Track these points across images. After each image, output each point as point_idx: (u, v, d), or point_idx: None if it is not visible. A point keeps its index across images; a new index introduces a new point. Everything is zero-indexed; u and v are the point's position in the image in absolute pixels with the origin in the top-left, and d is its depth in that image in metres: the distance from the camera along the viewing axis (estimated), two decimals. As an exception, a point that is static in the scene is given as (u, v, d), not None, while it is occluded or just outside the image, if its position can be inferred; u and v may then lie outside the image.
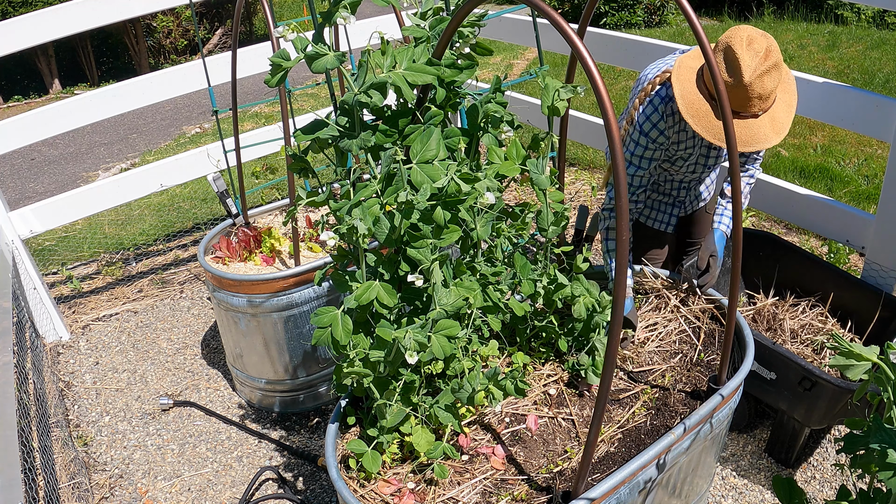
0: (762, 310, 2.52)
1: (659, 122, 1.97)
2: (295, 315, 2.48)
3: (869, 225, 2.44)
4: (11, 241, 3.12)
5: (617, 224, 1.11)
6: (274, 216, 2.90)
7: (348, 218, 1.38)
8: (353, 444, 1.48)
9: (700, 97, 1.84)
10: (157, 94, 3.33)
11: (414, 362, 1.35)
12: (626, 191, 1.08)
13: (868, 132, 2.37)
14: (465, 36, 1.47)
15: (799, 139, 4.63)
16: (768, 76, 1.74)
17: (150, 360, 3.19)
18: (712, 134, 1.81)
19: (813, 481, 2.27)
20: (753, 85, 1.74)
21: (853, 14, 7.73)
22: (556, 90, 1.47)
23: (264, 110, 6.76)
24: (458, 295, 1.45)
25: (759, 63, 1.73)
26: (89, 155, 6.28)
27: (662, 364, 1.78)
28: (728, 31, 1.80)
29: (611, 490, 1.38)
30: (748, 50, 1.73)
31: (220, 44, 10.29)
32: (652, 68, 2.04)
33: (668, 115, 1.96)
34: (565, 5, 9.07)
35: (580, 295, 1.67)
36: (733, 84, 1.75)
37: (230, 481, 2.51)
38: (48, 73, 9.23)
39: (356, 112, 1.39)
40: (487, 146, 1.56)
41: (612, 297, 1.13)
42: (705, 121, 1.82)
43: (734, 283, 1.51)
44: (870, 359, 1.21)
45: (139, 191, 3.46)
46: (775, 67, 1.75)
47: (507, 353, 1.83)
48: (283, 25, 1.33)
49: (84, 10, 3.06)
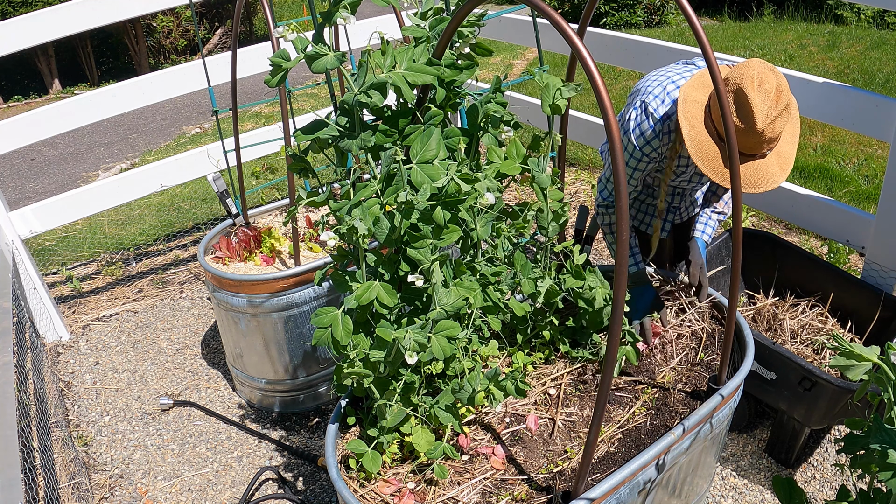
0: (762, 310, 2.52)
1: (653, 139, 1.91)
2: (295, 315, 2.48)
3: (869, 225, 2.44)
4: (11, 241, 3.12)
5: (617, 224, 1.11)
6: (274, 216, 2.90)
7: (348, 218, 1.38)
8: (353, 445, 1.48)
9: (709, 138, 1.76)
10: (157, 94, 3.33)
11: (413, 363, 1.35)
12: (626, 190, 1.08)
13: (868, 132, 2.38)
14: (465, 36, 1.47)
15: (799, 139, 4.62)
16: (779, 119, 1.68)
17: (150, 360, 3.19)
18: (721, 177, 1.75)
19: (813, 481, 2.27)
20: (766, 131, 1.68)
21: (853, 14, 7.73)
22: (558, 89, 1.47)
23: (264, 110, 6.76)
24: (458, 295, 1.45)
25: (771, 107, 1.66)
26: (89, 155, 6.28)
27: (662, 364, 1.78)
28: (737, 69, 1.70)
29: (611, 490, 1.38)
30: (759, 92, 1.65)
31: (220, 44, 10.29)
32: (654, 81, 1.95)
33: (664, 134, 1.90)
34: (565, 5, 9.07)
35: (597, 286, 1.67)
36: (745, 129, 1.68)
37: (230, 481, 2.51)
38: (48, 73, 9.24)
39: (356, 112, 1.39)
40: (487, 146, 1.56)
41: (612, 297, 1.13)
42: (714, 163, 1.75)
43: (734, 283, 1.51)
44: (870, 359, 1.21)
45: (139, 191, 3.46)
46: (786, 109, 1.68)
47: (508, 353, 1.83)
48: (283, 25, 1.33)
49: (84, 10, 3.06)
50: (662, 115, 1.87)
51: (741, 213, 1.44)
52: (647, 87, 1.94)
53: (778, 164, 1.77)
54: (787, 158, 1.78)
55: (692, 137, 1.76)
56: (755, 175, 1.76)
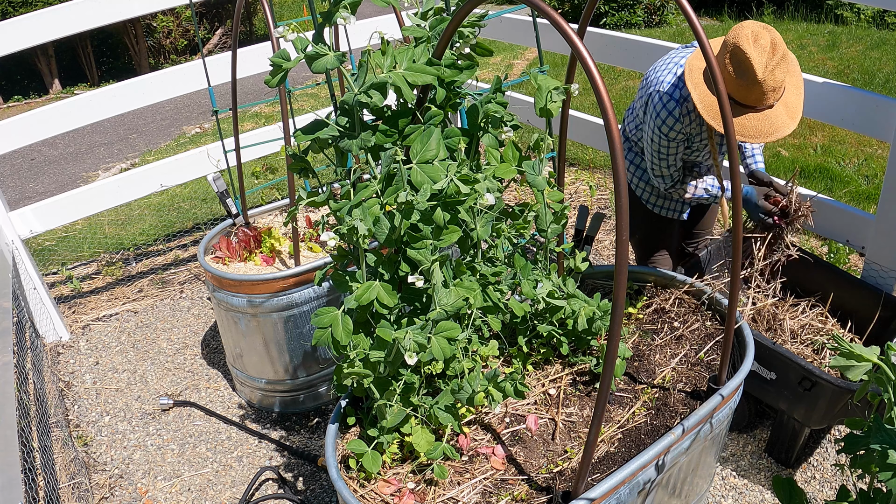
0: (762, 310, 2.51)
1: (675, 123, 2.03)
2: (295, 315, 2.48)
3: (869, 225, 2.44)
4: (11, 241, 3.12)
5: (617, 225, 1.11)
6: (274, 216, 2.90)
7: (348, 218, 1.38)
8: (353, 445, 1.48)
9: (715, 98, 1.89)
10: (157, 94, 3.33)
11: (413, 363, 1.35)
12: (626, 190, 1.08)
13: (868, 132, 2.37)
14: (466, 36, 1.47)
15: (799, 139, 4.63)
16: (778, 69, 1.79)
17: (150, 360, 3.19)
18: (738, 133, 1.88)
19: (813, 481, 2.27)
20: (766, 81, 1.79)
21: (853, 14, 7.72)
22: (549, 91, 1.47)
23: (264, 110, 6.76)
24: (459, 295, 1.45)
25: (768, 59, 1.77)
26: (89, 155, 6.28)
27: (663, 364, 1.78)
28: (732, 31, 1.83)
29: (611, 490, 1.38)
30: (756, 47, 1.77)
31: (220, 44, 10.28)
32: (661, 69, 2.07)
33: (685, 115, 2.02)
34: (565, 5, 9.07)
35: (579, 309, 1.68)
36: (747, 83, 1.80)
37: (230, 481, 2.51)
38: (48, 73, 9.23)
39: (356, 112, 1.39)
40: (486, 147, 1.56)
41: (613, 297, 1.13)
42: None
43: (734, 282, 1.51)
44: (870, 359, 1.21)
45: (139, 191, 3.46)
46: (783, 59, 1.79)
47: (508, 353, 1.83)
48: (283, 25, 1.34)
49: (84, 10, 3.06)
50: (679, 98, 2.00)
51: (741, 212, 1.44)
52: (658, 78, 2.07)
53: (787, 114, 1.89)
54: (795, 108, 1.90)
55: (702, 100, 1.90)
56: (766, 125, 1.87)
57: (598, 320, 1.68)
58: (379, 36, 1.36)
